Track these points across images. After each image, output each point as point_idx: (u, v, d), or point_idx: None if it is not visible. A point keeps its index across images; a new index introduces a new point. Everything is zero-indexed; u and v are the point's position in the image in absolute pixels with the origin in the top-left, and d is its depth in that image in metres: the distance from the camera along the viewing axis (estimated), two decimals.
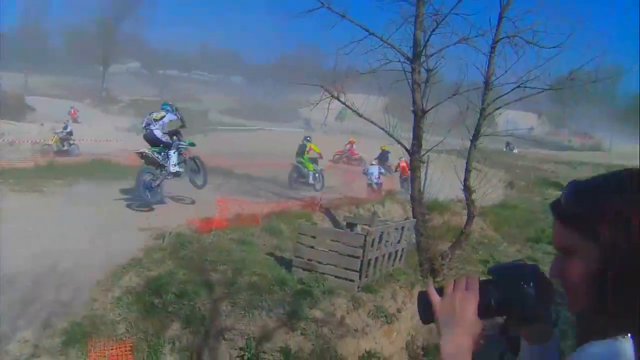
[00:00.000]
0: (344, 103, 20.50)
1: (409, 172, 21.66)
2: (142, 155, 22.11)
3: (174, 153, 22.24)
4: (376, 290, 16.66)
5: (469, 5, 28.36)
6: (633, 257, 1.72)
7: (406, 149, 20.32)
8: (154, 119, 22.13)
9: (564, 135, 74.57)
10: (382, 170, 38.03)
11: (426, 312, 2.26)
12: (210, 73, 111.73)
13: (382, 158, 42.76)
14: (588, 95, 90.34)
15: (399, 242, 18.80)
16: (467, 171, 20.15)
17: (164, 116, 22.20)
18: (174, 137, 22.52)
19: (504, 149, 59.54)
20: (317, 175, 33.14)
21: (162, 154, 22.03)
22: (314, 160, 33.67)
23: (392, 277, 17.70)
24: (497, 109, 20.65)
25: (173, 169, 22.24)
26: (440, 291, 2.28)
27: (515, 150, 60.56)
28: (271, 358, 13.89)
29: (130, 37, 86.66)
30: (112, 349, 13.75)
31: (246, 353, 12.77)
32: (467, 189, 20.21)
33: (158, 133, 22.06)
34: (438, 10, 19.34)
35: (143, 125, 22.48)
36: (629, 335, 1.68)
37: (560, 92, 36.14)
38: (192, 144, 23.43)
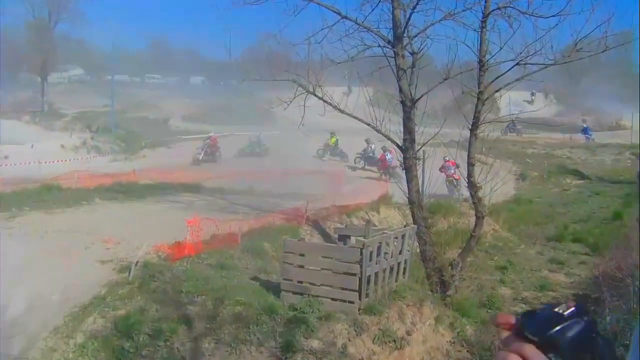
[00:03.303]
0: (320, 98, 20.44)
1: (404, 171, 21.53)
2: None
3: None
4: (380, 311, 16.54)
5: None
6: None
7: (398, 145, 20.23)
8: None
9: (577, 114, 74.26)
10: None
11: None
12: (167, 75, 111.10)
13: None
14: (599, 67, 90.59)
15: (400, 253, 18.74)
16: (470, 165, 20.04)
17: None
18: None
19: (503, 134, 56.80)
20: None
21: None
22: None
23: (397, 294, 17.58)
24: (497, 91, 20.62)
25: None
26: None
27: (515, 134, 59.51)
28: None
29: (69, 39, 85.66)
30: None
31: None
32: (471, 186, 20.07)
33: None
34: None
35: None
36: None
37: (567, 66, 36.07)
38: None
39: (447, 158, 34.98)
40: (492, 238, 26.68)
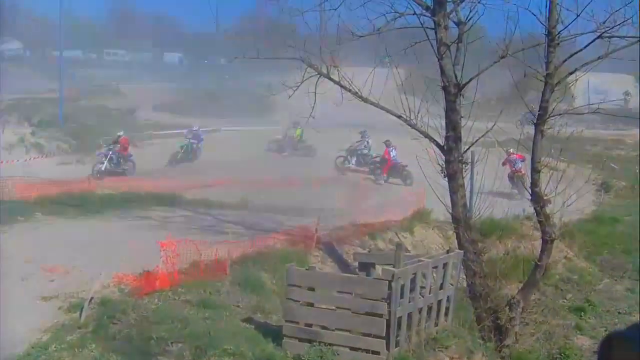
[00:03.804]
0: (337, 82, 20.41)
1: (447, 179, 21.33)
2: None
3: None
4: None
5: None
6: None
7: (438, 145, 20.17)
8: None
9: None
10: None
11: None
12: (133, 51, 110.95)
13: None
14: None
15: (441, 287, 18.67)
16: (535, 171, 19.91)
17: None
18: None
19: (519, 127, 54.24)
20: None
21: None
22: None
23: (437, 343, 17.49)
24: (571, 73, 20.46)
25: None
26: None
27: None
28: None
29: (2, 3, 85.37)
30: None
31: None
32: (537, 199, 19.93)
33: None
34: None
35: None
36: None
37: None
38: None
39: (512, 150, 35.76)
40: (564, 269, 26.60)
